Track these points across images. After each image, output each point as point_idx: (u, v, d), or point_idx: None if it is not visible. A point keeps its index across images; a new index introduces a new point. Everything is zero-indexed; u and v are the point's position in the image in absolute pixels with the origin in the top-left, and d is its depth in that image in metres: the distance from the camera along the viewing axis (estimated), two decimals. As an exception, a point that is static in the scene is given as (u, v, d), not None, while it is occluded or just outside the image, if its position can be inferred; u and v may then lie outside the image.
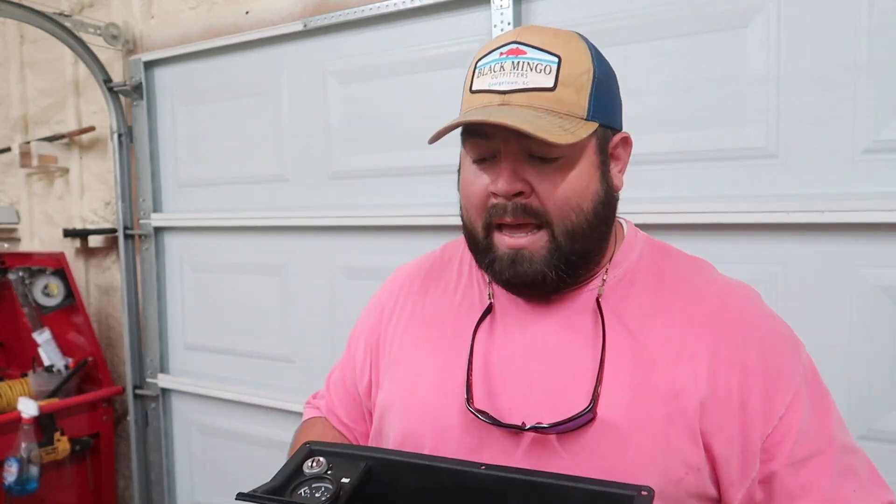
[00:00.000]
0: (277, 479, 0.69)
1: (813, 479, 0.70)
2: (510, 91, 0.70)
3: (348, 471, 0.69)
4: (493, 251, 0.74)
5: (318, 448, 0.73)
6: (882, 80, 1.28)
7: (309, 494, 0.67)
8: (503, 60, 0.71)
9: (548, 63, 0.70)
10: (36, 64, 2.79)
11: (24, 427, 2.13)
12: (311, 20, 1.93)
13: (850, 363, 1.32)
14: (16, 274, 2.48)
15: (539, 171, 0.71)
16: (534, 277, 0.73)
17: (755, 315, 0.77)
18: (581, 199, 0.72)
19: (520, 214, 0.71)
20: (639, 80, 1.50)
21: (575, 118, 0.70)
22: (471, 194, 0.75)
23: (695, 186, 1.46)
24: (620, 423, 0.70)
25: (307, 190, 2.03)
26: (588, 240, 0.74)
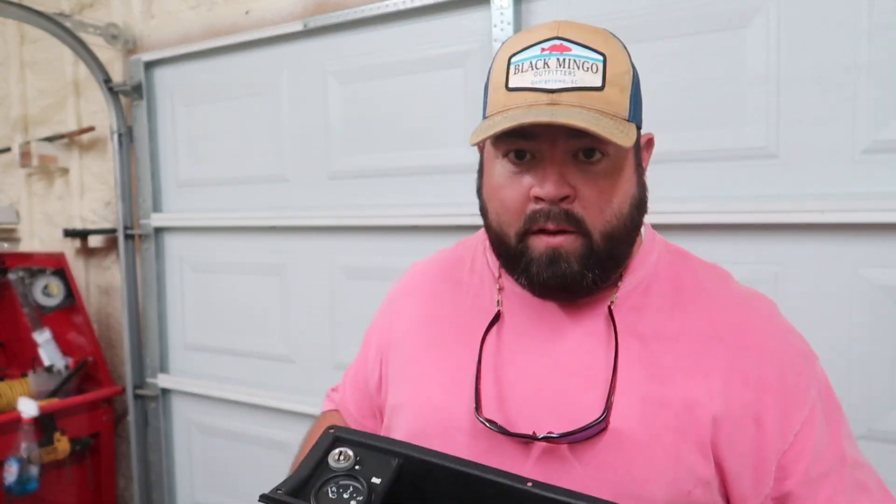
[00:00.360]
0: (302, 472, 0.63)
1: (829, 497, 0.69)
2: (559, 90, 0.65)
3: (379, 468, 0.63)
4: (528, 254, 0.70)
5: (344, 436, 0.66)
6: (882, 80, 1.28)
7: (337, 495, 0.61)
8: (546, 57, 0.67)
9: (594, 61, 0.67)
10: (36, 64, 2.79)
11: (24, 427, 2.12)
12: (311, 20, 1.93)
13: (850, 363, 1.32)
14: (16, 274, 2.48)
15: (584, 174, 0.68)
16: (572, 278, 0.69)
17: (773, 330, 0.75)
18: (622, 203, 0.70)
19: (562, 221, 0.68)
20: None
21: (621, 119, 0.67)
22: (506, 198, 0.70)
23: (695, 186, 1.46)
24: (632, 434, 0.68)
25: (307, 190, 2.03)
26: (622, 244, 0.72)
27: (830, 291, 1.34)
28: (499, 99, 0.69)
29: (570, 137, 0.66)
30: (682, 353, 0.71)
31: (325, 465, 0.63)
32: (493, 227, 0.74)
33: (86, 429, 2.37)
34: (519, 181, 0.69)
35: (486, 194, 0.75)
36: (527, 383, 0.74)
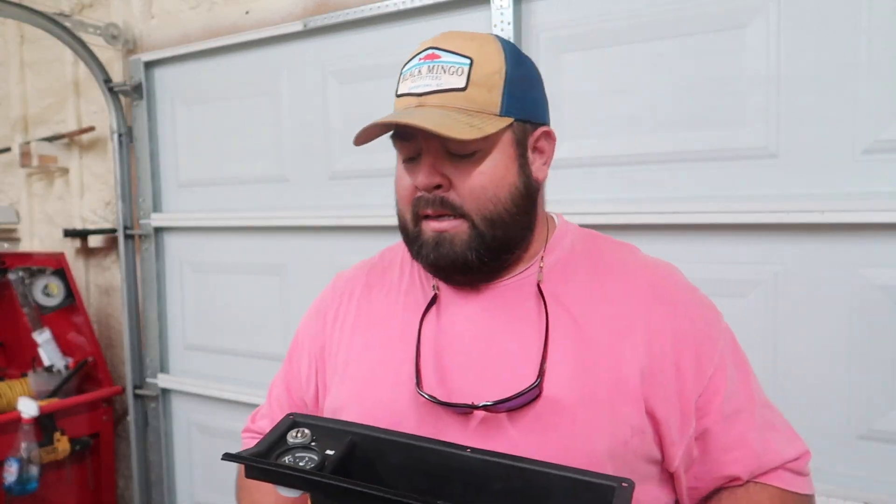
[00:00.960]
0: (262, 446, 0.69)
1: (742, 431, 0.79)
2: (426, 93, 0.76)
3: (332, 443, 0.69)
4: (420, 237, 0.80)
5: (301, 420, 0.73)
6: (882, 80, 1.28)
7: (293, 462, 0.67)
8: (420, 65, 0.77)
9: (460, 65, 0.76)
10: (36, 64, 2.79)
11: (24, 427, 2.12)
12: (311, 20, 1.93)
13: (850, 363, 1.32)
14: (16, 274, 2.48)
15: (456, 166, 0.77)
16: (454, 259, 0.78)
17: (680, 288, 0.84)
18: (497, 190, 0.77)
19: (439, 206, 0.77)
20: (639, 81, 1.50)
21: (487, 115, 0.76)
22: (401, 189, 0.82)
23: (695, 186, 1.46)
24: (566, 397, 0.75)
25: (307, 190, 2.03)
26: (508, 228, 0.79)
27: (830, 291, 1.34)
28: (394, 105, 0.81)
29: (436, 137, 0.74)
30: (606, 317, 0.79)
31: (284, 441, 0.70)
32: (398, 215, 0.84)
33: (86, 429, 2.37)
34: (409, 175, 0.80)
35: (395, 188, 0.85)
36: (466, 359, 0.80)
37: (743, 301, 1.42)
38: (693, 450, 0.79)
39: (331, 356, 0.91)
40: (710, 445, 0.79)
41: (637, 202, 1.51)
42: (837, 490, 1.32)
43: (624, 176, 1.54)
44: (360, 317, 0.90)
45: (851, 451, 1.33)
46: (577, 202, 1.58)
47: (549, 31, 1.61)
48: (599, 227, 1.53)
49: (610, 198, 1.55)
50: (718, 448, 0.79)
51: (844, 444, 1.34)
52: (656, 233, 1.50)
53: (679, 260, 1.47)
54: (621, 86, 1.53)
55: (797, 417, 1.37)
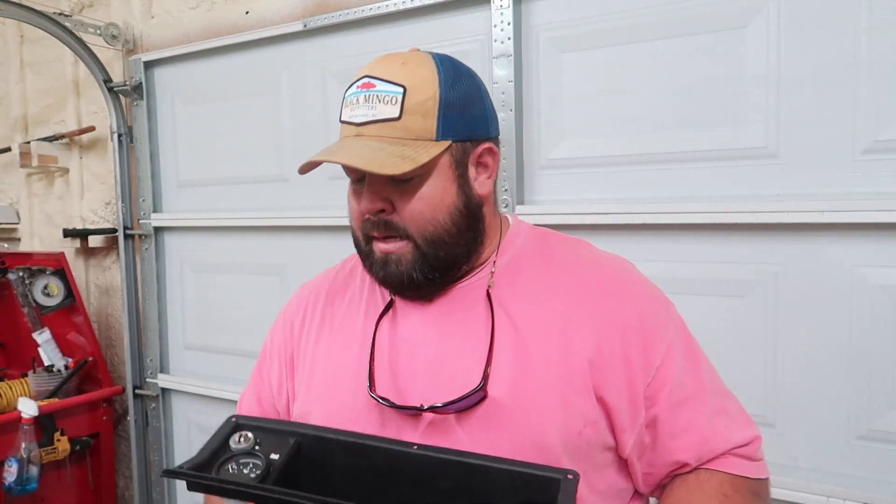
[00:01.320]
0: (203, 455, 0.66)
1: (690, 419, 0.81)
2: (363, 123, 0.78)
3: (277, 447, 0.67)
4: (371, 256, 0.83)
5: (244, 423, 0.71)
6: (882, 80, 1.28)
7: (237, 471, 0.65)
8: (358, 94, 0.80)
9: (393, 94, 0.78)
10: (36, 64, 2.79)
11: (24, 427, 2.12)
12: (311, 20, 1.93)
13: (850, 363, 1.32)
14: (16, 274, 2.48)
15: (398, 190, 0.79)
16: (400, 278, 0.81)
17: (629, 281, 0.86)
18: (436, 213, 0.80)
19: (383, 229, 0.80)
20: (639, 81, 1.50)
21: (423, 141, 0.77)
22: (352, 211, 0.84)
23: (695, 186, 1.46)
24: (511, 396, 0.77)
25: (307, 190, 2.03)
26: (453, 246, 0.82)
27: (830, 291, 1.34)
28: (340, 129, 0.84)
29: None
30: (556, 311, 0.81)
31: (226, 447, 0.67)
32: (352, 233, 0.87)
33: (86, 429, 2.37)
34: (356, 199, 0.83)
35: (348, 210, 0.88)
36: (418, 363, 0.82)
37: (743, 301, 1.42)
38: (644, 437, 0.81)
39: (299, 363, 0.93)
40: (659, 432, 0.81)
41: (637, 202, 1.51)
42: (837, 490, 1.32)
43: (624, 176, 1.54)
44: (323, 324, 0.93)
45: (851, 451, 1.33)
46: (578, 202, 1.58)
47: (549, 31, 1.61)
48: (599, 227, 1.55)
49: (610, 198, 1.55)
50: (666, 435, 0.81)
51: (844, 444, 1.34)
52: (656, 233, 1.50)
53: (680, 260, 1.48)
54: (621, 86, 1.53)
55: (797, 417, 1.37)
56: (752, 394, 1.40)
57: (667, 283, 1.48)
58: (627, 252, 1.52)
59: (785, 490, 1.35)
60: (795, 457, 1.38)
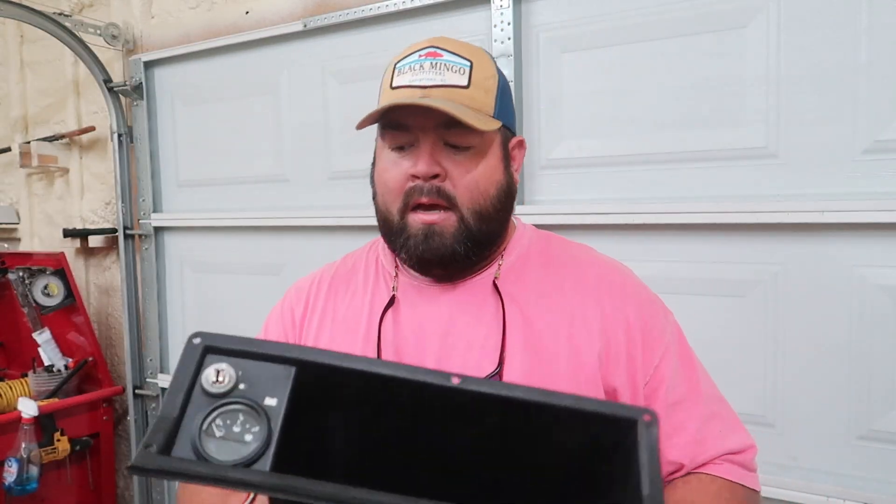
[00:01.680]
0: (170, 409, 0.46)
1: (685, 419, 0.82)
2: (430, 86, 0.78)
3: (270, 384, 0.48)
4: (407, 230, 0.81)
5: (214, 345, 0.49)
6: (882, 80, 1.28)
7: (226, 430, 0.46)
8: (422, 61, 0.79)
9: (462, 65, 0.79)
10: (36, 64, 2.79)
11: (24, 427, 2.12)
12: (311, 20, 1.93)
13: (850, 363, 1.32)
14: (16, 274, 2.48)
15: (453, 158, 0.79)
16: (444, 252, 0.80)
17: (631, 283, 0.89)
18: (488, 185, 0.81)
19: (434, 195, 0.79)
20: (639, 81, 1.50)
21: (485, 114, 0.79)
22: (389, 179, 0.82)
23: (695, 186, 1.46)
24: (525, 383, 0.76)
25: (307, 190, 2.03)
26: (493, 222, 0.83)
27: (830, 291, 1.34)
28: (385, 97, 0.81)
29: (440, 128, 0.77)
30: (564, 307, 0.83)
31: (201, 390, 0.48)
32: (380, 207, 0.84)
33: (86, 429, 2.37)
34: (400, 165, 0.81)
35: (375, 180, 0.86)
36: (425, 353, 0.83)
37: (743, 301, 1.42)
38: None
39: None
40: None
41: (637, 202, 1.51)
42: (837, 490, 1.32)
43: (624, 176, 1.54)
44: (325, 315, 0.92)
45: (851, 451, 1.33)
46: (578, 202, 1.58)
47: (549, 31, 1.61)
48: (599, 227, 1.55)
49: (610, 198, 1.55)
50: (661, 434, 0.82)
51: (844, 444, 1.34)
52: (656, 233, 1.50)
53: (680, 260, 1.48)
54: (621, 86, 1.53)
55: (797, 417, 1.37)
56: (752, 394, 1.40)
57: (667, 283, 1.49)
58: (627, 252, 1.54)
59: (785, 490, 1.35)
60: (795, 457, 1.38)
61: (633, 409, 0.50)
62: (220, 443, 0.45)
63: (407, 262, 0.84)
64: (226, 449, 0.45)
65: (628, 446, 0.51)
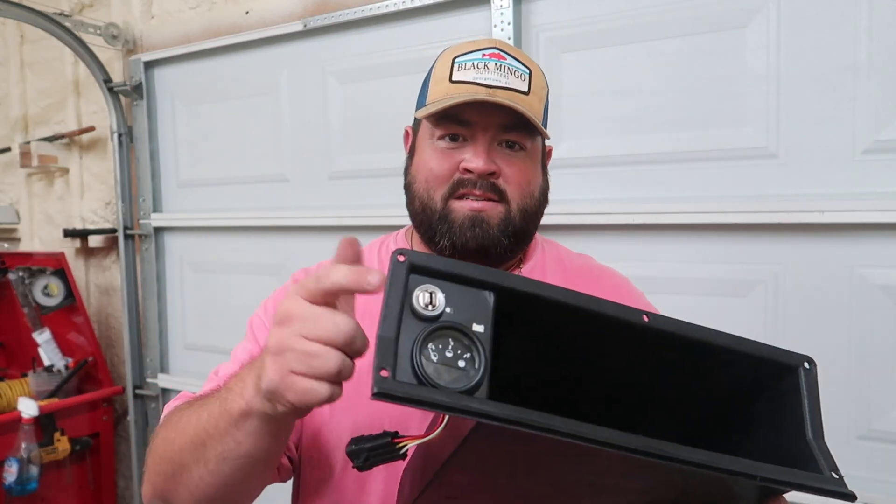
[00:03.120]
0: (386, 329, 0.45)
1: None
2: (495, 87, 0.78)
3: (474, 309, 0.47)
4: (451, 217, 0.81)
5: (419, 263, 0.48)
6: (882, 80, 1.28)
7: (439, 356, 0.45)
8: (487, 60, 0.80)
9: (523, 72, 0.81)
10: (36, 64, 2.79)
11: (24, 427, 2.12)
12: (311, 20, 1.93)
13: (850, 363, 1.32)
14: (16, 274, 2.48)
15: (507, 158, 0.81)
16: (488, 241, 0.80)
17: (634, 289, 0.95)
18: (532, 186, 0.84)
19: (488, 190, 0.80)
20: (639, 80, 1.50)
21: (537, 121, 0.81)
22: (436, 167, 0.81)
23: (695, 186, 1.46)
24: None
25: (307, 190, 2.03)
26: (532, 223, 0.85)
27: (830, 291, 1.34)
28: (442, 89, 0.81)
29: (500, 128, 0.79)
30: None
31: (411, 312, 0.46)
32: (420, 194, 0.83)
33: (86, 429, 2.37)
34: (451, 156, 0.81)
35: (415, 168, 0.85)
36: None
37: (743, 301, 1.42)
38: None
39: None
40: None
41: (637, 202, 1.51)
42: (837, 490, 1.32)
43: (624, 176, 1.54)
44: None
45: (851, 451, 1.33)
46: (578, 202, 1.58)
47: (549, 31, 1.61)
48: (599, 227, 1.55)
49: (610, 198, 1.55)
50: None
51: (844, 444, 1.34)
52: (656, 233, 1.50)
53: (679, 260, 1.48)
54: (621, 86, 1.53)
55: (797, 417, 1.37)
56: (752, 394, 1.40)
57: (667, 283, 1.49)
58: (627, 252, 1.54)
59: (785, 490, 1.35)
60: (795, 457, 1.38)
61: (793, 356, 0.54)
62: (438, 368, 0.45)
63: (447, 250, 0.82)
64: (445, 374, 0.45)
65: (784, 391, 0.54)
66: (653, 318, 0.53)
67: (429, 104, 0.82)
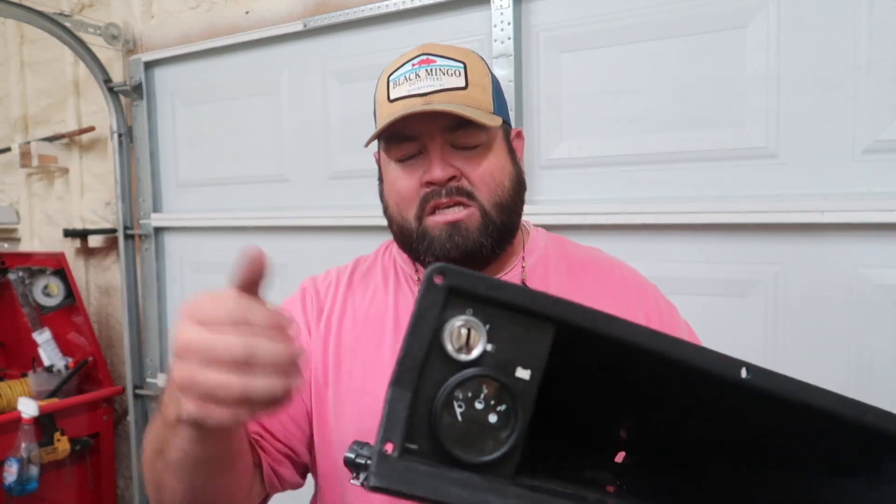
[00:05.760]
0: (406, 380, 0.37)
1: None
2: (430, 92, 0.78)
3: (522, 347, 0.38)
4: (428, 234, 0.80)
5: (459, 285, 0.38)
6: (882, 80, 1.28)
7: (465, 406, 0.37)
8: (417, 70, 0.80)
9: (456, 68, 0.80)
10: (36, 64, 2.79)
11: (24, 427, 2.12)
12: (311, 20, 1.93)
13: (850, 363, 1.32)
14: (16, 274, 2.48)
15: (464, 157, 0.80)
16: (471, 247, 0.79)
17: (645, 281, 0.94)
18: (502, 177, 0.82)
19: (454, 194, 0.79)
20: (639, 80, 1.50)
21: (486, 112, 0.80)
22: (401, 188, 0.82)
23: (695, 186, 1.46)
24: None
25: (307, 190, 2.03)
26: (511, 214, 0.83)
27: (830, 291, 1.34)
28: (383, 111, 0.81)
29: (446, 132, 0.78)
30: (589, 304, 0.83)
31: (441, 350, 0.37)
32: (395, 217, 0.84)
33: (86, 429, 2.37)
34: (411, 173, 0.81)
35: (385, 194, 0.86)
36: None
37: (743, 301, 1.42)
38: None
39: (317, 346, 0.87)
40: None
41: (637, 202, 1.51)
42: (837, 490, 1.32)
43: (624, 176, 1.54)
44: (345, 314, 0.89)
45: (851, 451, 1.33)
46: (578, 202, 1.58)
47: (549, 31, 1.61)
48: (599, 227, 1.55)
49: (610, 198, 1.55)
50: None
51: (844, 444, 1.34)
52: (656, 233, 1.50)
53: (679, 260, 1.48)
54: (621, 86, 1.53)
55: (797, 417, 1.37)
56: (752, 394, 1.40)
57: (667, 283, 1.48)
58: (628, 252, 1.53)
59: (785, 490, 1.35)
60: (795, 457, 1.38)
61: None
62: (461, 427, 0.36)
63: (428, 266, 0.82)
64: (467, 435, 0.36)
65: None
66: (751, 370, 0.44)
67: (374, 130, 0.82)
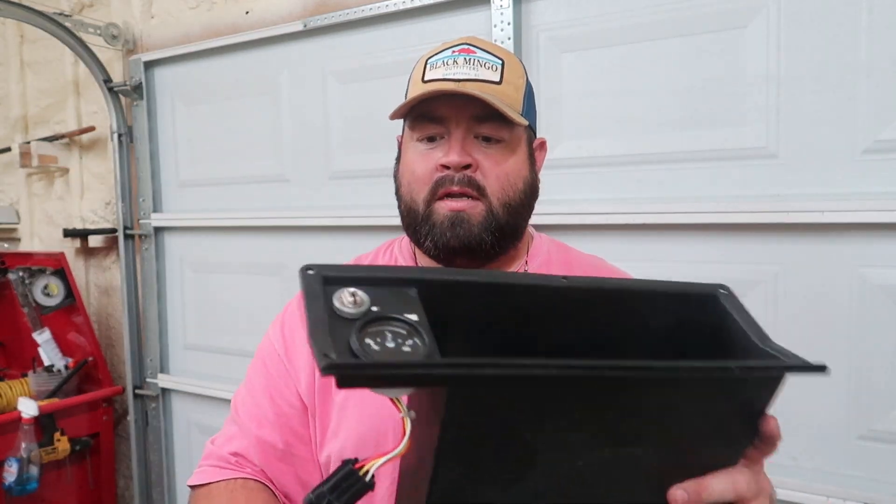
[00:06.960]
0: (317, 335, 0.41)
1: None
2: (464, 80, 0.78)
3: (400, 302, 0.47)
4: (432, 218, 0.80)
5: (331, 274, 0.47)
6: (882, 80, 1.28)
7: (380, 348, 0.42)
8: (456, 56, 0.81)
9: (494, 63, 0.81)
10: (36, 64, 2.79)
11: (24, 427, 2.12)
12: (311, 20, 1.93)
13: (850, 363, 1.32)
14: (16, 274, 2.48)
15: (484, 151, 0.80)
16: (470, 240, 0.79)
17: None
18: (516, 179, 0.82)
19: (464, 184, 0.79)
20: (639, 80, 1.50)
21: (515, 111, 0.80)
22: (417, 168, 0.82)
23: (695, 186, 1.46)
24: None
25: (307, 190, 2.03)
26: (518, 217, 0.83)
27: (831, 291, 1.34)
28: (415, 90, 0.81)
29: (472, 121, 0.79)
30: None
31: (338, 315, 0.44)
32: (405, 197, 0.84)
33: (86, 429, 2.37)
34: (429, 156, 0.81)
35: (400, 173, 0.86)
36: None
37: (743, 301, 1.42)
38: None
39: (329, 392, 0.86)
40: None
41: (637, 202, 1.51)
42: (837, 490, 1.32)
43: (624, 176, 1.54)
44: None
45: (851, 451, 1.33)
46: (578, 202, 1.58)
47: (549, 31, 1.61)
48: (599, 227, 1.55)
49: (610, 198, 1.55)
50: None
51: (844, 444, 1.34)
52: (656, 233, 1.50)
53: (679, 260, 1.48)
54: (621, 86, 1.53)
55: (797, 417, 1.37)
56: (752, 394, 1.40)
57: (667, 283, 1.49)
58: (628, 252, 1.54)
59: (785, 490, 1.35)
60: (795, 457, 1.38)
61: (708, 286, 0.58)
62: (383, 354, 0.42)
63: (431, 251, 0.82)
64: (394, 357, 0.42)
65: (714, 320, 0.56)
66: (569, 279, 0.55)
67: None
